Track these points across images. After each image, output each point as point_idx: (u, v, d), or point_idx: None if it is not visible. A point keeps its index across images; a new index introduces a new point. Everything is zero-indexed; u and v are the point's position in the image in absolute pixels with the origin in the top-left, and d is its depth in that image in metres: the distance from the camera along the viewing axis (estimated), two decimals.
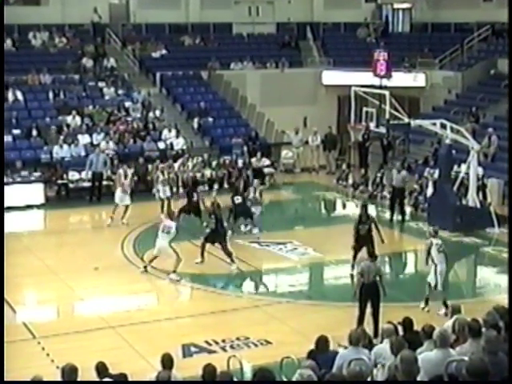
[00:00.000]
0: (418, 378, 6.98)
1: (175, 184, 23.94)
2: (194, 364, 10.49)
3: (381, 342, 9.69)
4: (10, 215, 21.70)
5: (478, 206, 21.49)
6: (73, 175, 24.77)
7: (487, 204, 21.92)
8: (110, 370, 9.39)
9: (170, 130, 27.85)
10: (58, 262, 18.28)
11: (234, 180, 25.22)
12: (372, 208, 21.81)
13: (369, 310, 13.79)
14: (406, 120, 22.51)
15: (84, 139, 26.51)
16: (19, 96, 27.98)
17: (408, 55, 32.81)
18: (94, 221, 23.15)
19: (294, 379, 7.03)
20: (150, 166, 25.43)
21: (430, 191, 23.07)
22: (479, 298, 16.32)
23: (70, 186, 24.65)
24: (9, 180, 23.52)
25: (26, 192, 23.43)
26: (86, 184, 24.45)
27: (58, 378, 8.71)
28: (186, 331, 14.26)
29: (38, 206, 23.48)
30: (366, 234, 17.00)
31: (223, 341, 13.59)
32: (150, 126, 28.12)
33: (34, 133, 26.33)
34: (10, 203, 22.34)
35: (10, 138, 25.81)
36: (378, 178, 25.44)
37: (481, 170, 22.74)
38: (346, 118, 27.79)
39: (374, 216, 19.54)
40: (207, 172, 26.31)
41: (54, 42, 31.34)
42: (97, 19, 32.12)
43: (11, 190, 23.01)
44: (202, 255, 17.97)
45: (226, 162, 26.90)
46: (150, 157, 26.19)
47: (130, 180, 22.10)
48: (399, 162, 24.02)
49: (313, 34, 35.66)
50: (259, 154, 27.42)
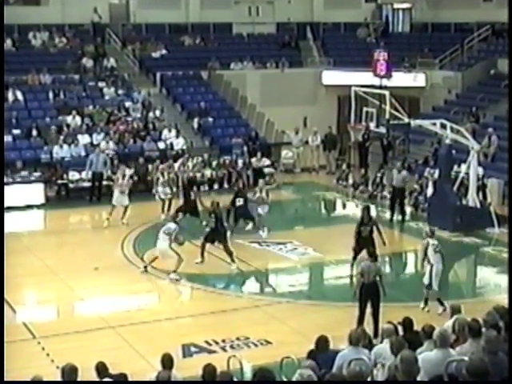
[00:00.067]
0: (418, 378, 6.98)
1: (175, 184, 23.92)
2: (194, 364, 10.49)
3: (381, 341, 9.68)
4: (10, 215, 21.70)
5: (478, 205, 21.49)
6: (73, 175, 24.77)
7: (487, 204, 21.92)
8: (110, 370, 9.39)
9: (169, 130, 27.85)
10: (57, 262, 18.28)
11: (234, 180, 25.21)
12: (372, 208, 21.82)
13: (369, 310, 13.79)
14: (406, 120, 22.51)
15: (84, 139, 26.51)
16: (19, 96, 27.98)
17: (408, 55, 32.81)
18: (94, 221, 23.14)
19: (294, 379, 7.03)
20: (150, 166, 25.45)
21: (430, 191, 23.07)
22: (479, 298, 16.31)
23: (70, 186, 24.65)
24: (9, 180, 23.53)
25: (26, 192, 23.43)
26: (86, 184, 24.46)
27: (58, 378, 8.71)
28: (186, 331, 14.26)
29: (37, 206, 23.48)
30: (368, 235, 16.99)
31: (223, 341, 13.59)
32: (150, 125, 28.13)
33: (34, 133, 26.33)
34: (10, 203, 22.34)
35: (10, 138, 25.81)
36: (378, 177, 25.44)
37: (481, 169, 22.74)
38: (346, 118, 27.78)
39: (375, 217, 19.51)
40: (207, 172, 26.33)
41: (54, 42, 31.34)
42: (97, 19, 32.12)
43: (11, 190, 23.01)
44: (201, 255, 17.97)
45: (226, 161, 26.90)
46: (150, 157, 26.20)
47: (127, 180, 22.07)
48: (400, 162, 24.01)
49: (313, 34, 35.66)
50: (259, 154, 27.42)
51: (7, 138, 25.63)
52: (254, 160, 27.24)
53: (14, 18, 29.56)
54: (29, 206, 23.22)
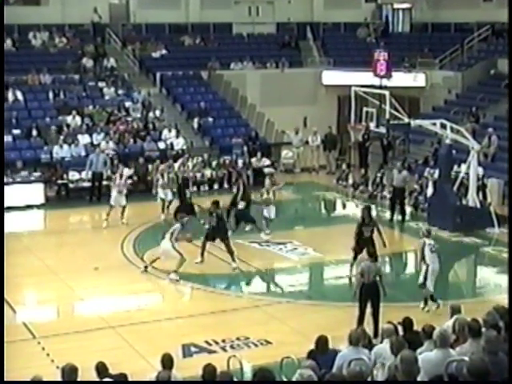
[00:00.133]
0: (418, 378, 6.98)
1: (175, 184, 23.90)
2: (194, 364, 10.49)
3: (381, 341, 9.68)
4: (10, 215, 21.70)
5: (478, 205, 21.49)
6: (73, 175, 24.78)
7: (487, 204, 21.92)
8: (110, 370, 9.39)
9: (170, 130, 27.85)
10: (58, 262, 18.28)
11: (234, 180, 25.21)
12: (372, 208, 21.82)
13: (369, 310, 13.78)
14: (406, 120, 22.50)
15: (84, 139, 26.51)
16: (19, 96, 27.98)
17: (408, 55, 32.81)
18: (93, 221, 23.14)
19: (294, 379, 7.03)
20: (150, 166, 25.45)
21: (430, 191, 23.07)
22: (479, 298, 16.31)
23: (70, 186, 24.66)
24: (9, 180, 23.53)
25: (26, 192, 23.43)
26: (86, 184, 24.48)
27: (58, 378, 8.72)
28: (186, 331, 14.25)
29: (38, 206, 23.48)
30: (369, 236, 16.99)
31: (223, 341, 13.58)
32: (150, 125, 28.13)
33: (34, 133, 26.33)
34: (10, 203, 22.35)
35: (10, 138, 25.81)
36: (378, 177, 25.45)
37: (481, 169, 22.74)
38: (346, 118, 27.79)
39: (376, 218, 19.50)
40: (207, 172, 26.35)
41: (54, 42, 31.34)
42: (97, 19, 32.12)
43: (11, 190, 23.01)
44: (201, 255, 17.96)
45: (226, 161, 26.91)
46: (150, 157, 26.20)
47: (124, 180, 22.04)
48: (400, 162, 24.00)
49: (313, 34, 35.66)
50: (259, 154, 27.44)
51: (7, 138, 25.63)
52: (254, 160, 27.25)
53: (14, 18, 29.56)
54: (29, 206, 23.22)
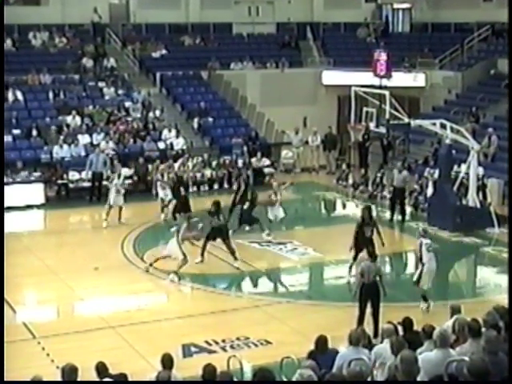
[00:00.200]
0: (418, 378, 6.98)
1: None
2: (194, 364, 10.49)
3: (381, 342, 9.68)
4: (10, 215, 21.70)
5: (478, 206, 21.49)
6: (73, 175, 24.78)
7: (487, 204, 21.92)
8: (110, 370, 9.39)
9: (170, 130, 27.85)
10: (58, 262, 18.28)
11: (235, 179, 25.18)
12: (372, 208, 21.82)
13: (369, 310, 13.79)
14: (406, 120, 22.51)
15: (84, 139, 26.51)
16: (19, 96, 27.98)
17: (408, 55, 32.81)
18: (93, 221, 23.12)
19: (294, 379, 7.03)
20: (150, 166, 25.44)
21: (430, 191, 23.07)
22: (479, 298, 16.31)
23: (70, 186, 24.66)
24: (9, 180, 23.53)
25: (26, 192, 23.44)
26: (86, 184, 24.48)
27: (58, 378, 8.72)
28: (186, 331, 14.25)
29: (38, 206, 23.48)
30: (370, 236, 16.99)
31: (223, 341, 13.59)
32: (150, 126, 28.12)
33: (34, 133, 26.33)
34: (10, 203, 22.35)
35: (10, 138, 25.81)
36: (378, 177, 25.45)
37: (481, 169, 22.74)
38: (346, 118, 27.77)
39: (375, 218, 19.50)
40: (207, 172, 26.35)
41: (54, 42, 31.34)
42: (97, 19, 32.12)
43: (11, 190, 23.01)
44: (202, 255, 17.96)
45: (226, 162, 26.90)
46: (150, 157, 26.19)
47: (122, 180, 22.01)
48: (400, 162, 24.00)
49: (313, 34, 35.66)
50: (259, 154, 27.45)
51: (7, 138, 25.62)
52: (254, 160, 27.25)
53: (14, 18, 29.56)
54: (29, 206, 23.22)
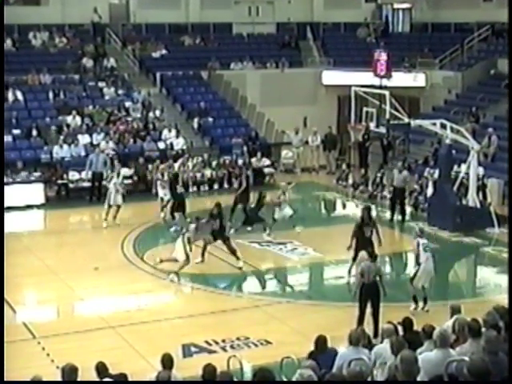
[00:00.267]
0: (418, 378, 6.98)
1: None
2: (194, 364, 10.49)
3: (381, 342, 9.68)
4: (10, 215, 21.71)
5: (478, 206, 21.49)
6: (73, 175, 24.78)
7: (487, 204, 21.92)
8: (110, 370, 9.39)
9: (170, 130, 27.85)
10: (58, 262, 18.28)
11: (237, 177, 25.17)
12: (372, 208, 21.82)
13: (369, 310, 13.79)
14: (406, 120, 22.51)
15: (84, 139, 26.51)
16: (19, 96, 27.98)
17: (408, 55, 32.81)
18: (93, 221, 23.11)
19: (294, 379, 7.03)
20: (150, 166, 25.44)
21: (430, 191, 23.07)
22: (479, 298, 16.31)
23: (70, 186, 24.66)
24: (9, 180, 23.53)
25: (26, 192, 23.44)
26: (85, 184, 24.48)
27: (58, 378, 8.72)
28: (186, 331, 14.25)
29: (38, 206, 23.48)
30: (369, 236, 16.99)
31: (223, 341, 13.59)
32: (150, 126, 28.12)
33: (34, 133, 26.33)
34: (10, 203, 22.35)
35: (10, 138, 25.81)
36: (378, 177, 25.45)
37: (481, 169, 22.74)
38: (346, 118, 27.80)
39: (375, 218, 19.50)
40: (207, 172, 26.34)
41: (54, 42, 31.34)
42: (97, 19, 32.12)
43: (11, 190, 23.01)
44: (202, 255, 17.97)
45: (226, 162, 26.90)
46: (150, 157, 26.19)
47: (121, 180, 21.98)
48: (400, 162, 23.99)
49: (313, 34, 35.67)
50: (259, 154, 27.45)
51: (7, 138, 25.63)
52: (254, 160, 27.25)
53: (14, 18, 29.56)
54: (29, 206, 23.22)
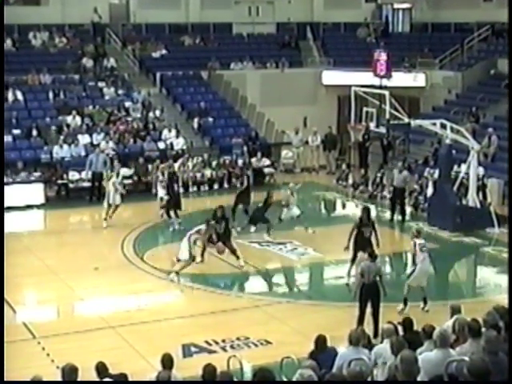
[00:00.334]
0: (418, 378, 6.98)
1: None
2: (194, 364, 10.49)
3: (381, 342, 9.69)
4: (10, 215, 21.70)
5: (478, 206, 21.49)
6: (73, 175, 24.79)
7: (487, 204, 21.92)
8: (110, 370, 9.40)
9: (170, 130, 27.85)
10: (58, 262, 18.28)
11: (238, 176, 25.20)
12: (372, 208, 21.82)
13: (369, 309, 13.79)
14: (406, 120, 22.50)
15: (84, 139, 26.51)
16: (19, 96, 27.98)
17: (408, 55, 32.81)
18: (93, 221, 23.11)
19: (294, 379, 7.03)
20: (150, 166, 25.45)
21: (430, 191, 23.07)
22: (479, 298, 16.31)
23: (70, 186, 24.67)
24: (9, 180, 23.53)
25: (26, 192, 23.44)
26: (85, 184, 24.48)
27: (58, 378, 8.71)
28: (186, 331, 14.25)
29: (38, 206, 23.48)
30: (369, 236, 16.99)
31: (223, 341, 13.59)
32: (150, 126, 28.12)
33: (34, 133, 26.33)
34: (10, 203, 22.34)
35: (10, 138, 25.81)
36: (378, 177, 25.45)
37: (481, 169, 22.74)
38: (346, 118, 27.79)
39: (374, 218, 19.49)
40: (207, 172, 26.34)
41: (54, 42, 31.34)
42: (97, 19, 32.13)
43: (11, 190, 23.01)
44: (202, 255, 17.95)
45: (226, 162, 26.90)
46: (150, 157, 26.20)
47: (120, 179, 21.98)
48: (400, 162, 23.99)
49: (313, 34, 35.67)
50: (259, 154, 27.45)
51: (7, 138, 25.62)
52: (254, 160, 27.25)
53: (14, 18, 29.57)
54: (29, 206, 23.22)
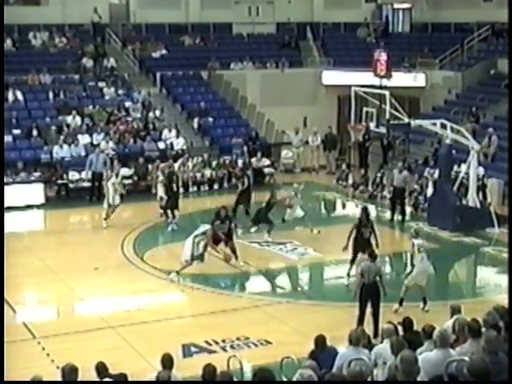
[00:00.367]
0: (418, 378, 6.98)
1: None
2: (194, 364, 10.49)
3: (381, 342, 9.69)
4: (10, 215, 21.70)
5: (478, 206, 21.49)
6: (73, 175, 24.78)
7: (487, 204, 21.92)
8: (110, 370, 9.39)
9: (170, 130, 27.85)
10: (58, 262, 18.29)
11: (239, 177, 25.17)
12: (372, 208, 21.84)
13: (369, 309, 13.79)
14: (406, 120, 22.50)
15: (84, 139, 26.51)
16: (19, 96, 27.98)
17: (408, 55, 32.81)
18: (93, 221, 23.10)
19: (295, 379, 7.03)
20: (150, 166, 25.45)
21: (430, 191, 23.07)
22: (479, 298, 16.31)
23: (70, 186, 24.66)
24: (9, 180, 23.53)
25: (26, 192, 23.44)
26: (85, 184, 24.48)
27: (58, 378, 8.71)
28: (186, 331, 14.25)
29: (38, 206, 23.48)
30: (368, 236, 16.99)
31: (223, 341, 13.59)
32: (150, 126, 28.12)
33: (34, 133, 26.33)
34: (10, 203, 22.34)
35: (10, 138, 25.81)
36: (378, 177, 25.46)
37: (481, 169, 22.74)
38: (346, 118, 27.79)
39: (373, 218, 19.50)
40: (207, 172, 26.34)
41: (54, 42, 31.34)
42: (97, 19, 32.12)
43: (11, 189, 23.01)
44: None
45: (226, 162, 26.90)
46: (150, 157, 26.19)
47: (120, 179, 21.97)
48: (400, 162, 23.99)
49: (313, 34, 35.67)
50: (259, 154, 27.45)
51: (7, 138, 25.62)
52: (254, 160, 27.25)
53: (14, 18, 29.56)
54: (29, 206, 23.22)
